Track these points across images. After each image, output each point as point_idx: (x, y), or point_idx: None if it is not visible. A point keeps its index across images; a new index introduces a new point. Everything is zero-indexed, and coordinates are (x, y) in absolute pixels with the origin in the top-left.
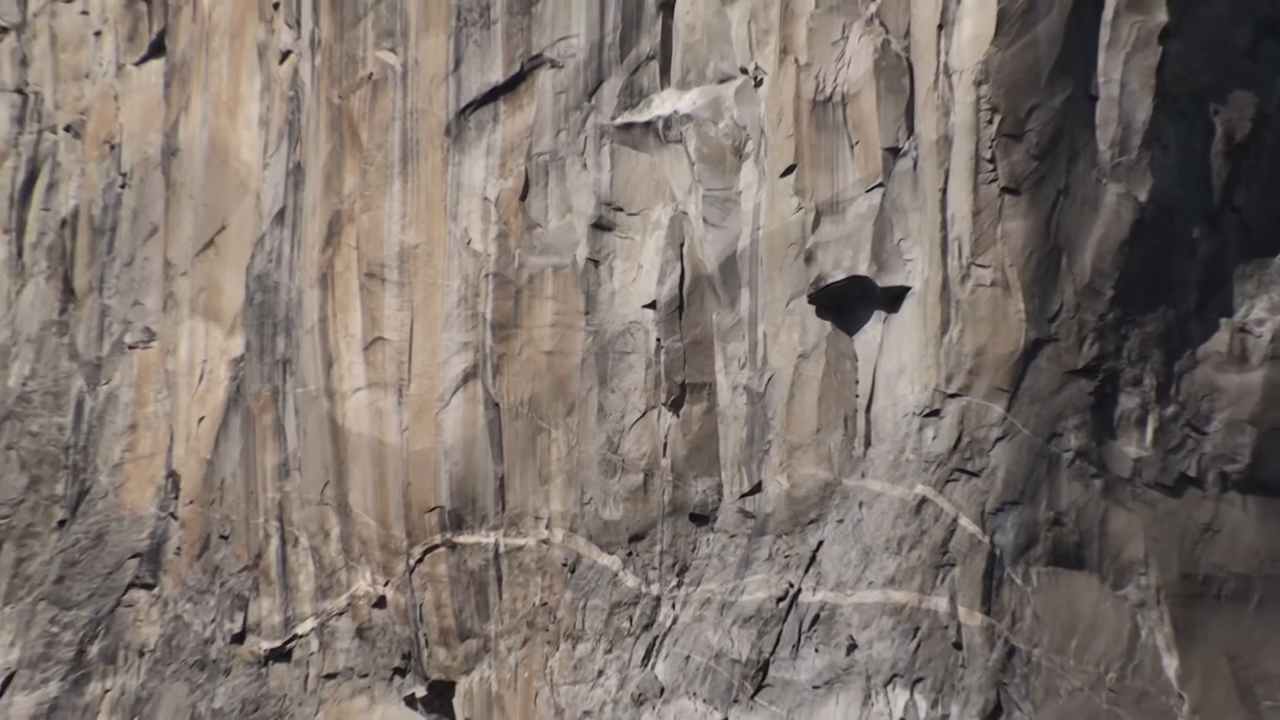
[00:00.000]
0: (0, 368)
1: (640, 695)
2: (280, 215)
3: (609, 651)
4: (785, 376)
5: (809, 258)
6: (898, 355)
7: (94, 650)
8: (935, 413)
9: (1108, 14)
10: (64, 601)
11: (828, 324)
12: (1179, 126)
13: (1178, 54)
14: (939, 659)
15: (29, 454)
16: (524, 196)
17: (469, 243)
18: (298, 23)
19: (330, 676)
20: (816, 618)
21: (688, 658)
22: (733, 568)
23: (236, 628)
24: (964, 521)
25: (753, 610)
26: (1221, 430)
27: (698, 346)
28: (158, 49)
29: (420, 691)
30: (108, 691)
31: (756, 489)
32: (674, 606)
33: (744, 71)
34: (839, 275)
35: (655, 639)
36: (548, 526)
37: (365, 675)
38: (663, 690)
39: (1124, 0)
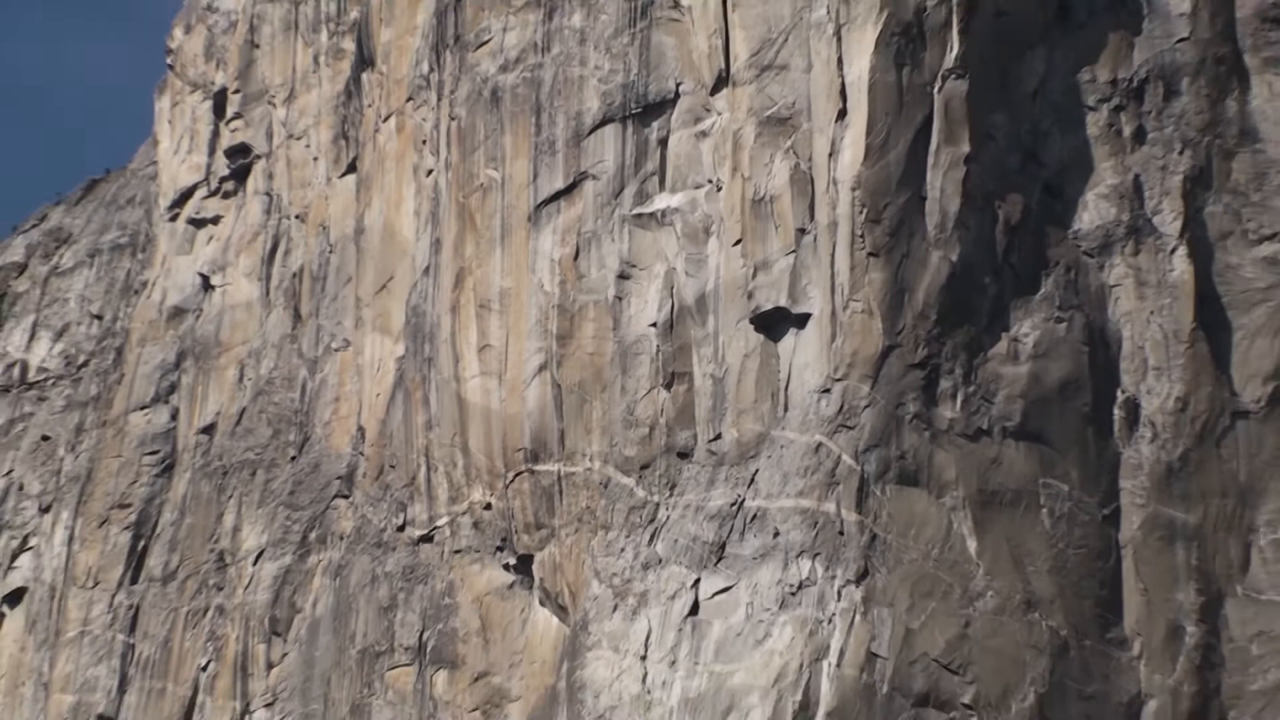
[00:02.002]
0: (255, 363)
1: (646, 563)
2: (427, 270)
3: (628, 537)
4: (735, 368)
5: (749, 296)
6: (805, 355)
7: (313, 536)
8: (827, 390)
9: (932, 147)
10: (294, 505)
11: (761, 336)
12: (976, 215)
13: (975, 172)
14: (830, 541)
15: (273, 415)
16: (576, 258)
17: (542, 286)
18: (437, 152)
19: (457, 552)
20: (754, 516)
21: (676, 540)
22: (704, 485)
23: (400, 522)
24: (845, 457)
25: (715, 511)
26: (1002, 401)
27: (682, 350)
28: (352, 168)
29: (512, 561)
30: (320, 561)
31: (718, 437)
32: (668, 509)
33: (710, 182)
34: (768, 306)
35: (656, 529)
36: (590, 460)
37: (478, 551)
38: (660, 560)
39: (942, 138)
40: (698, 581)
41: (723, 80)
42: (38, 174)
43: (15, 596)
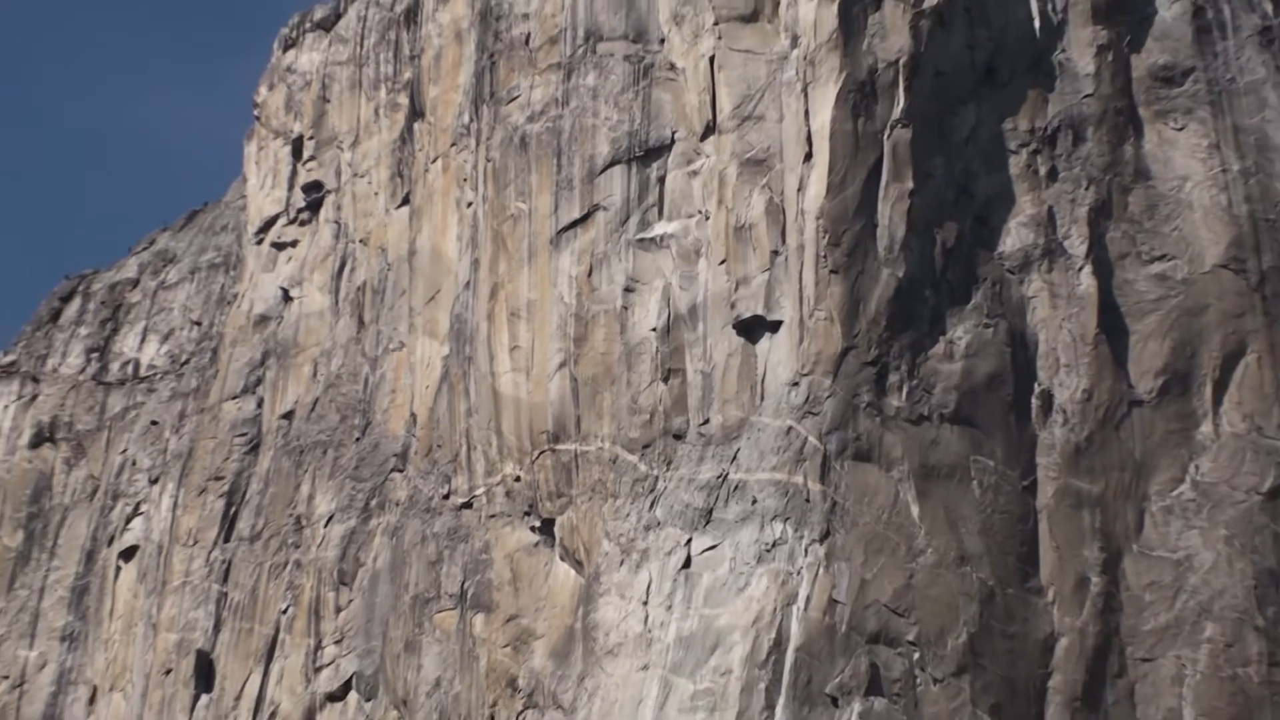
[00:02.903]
0: (326, 361)
1: (647, 526)
2: (467, 284)
3: (632, 503)
4: (720, 365)
5: (732, 306)
6: (778, 355)
7: (373, 503)
8: (796, 384)
9: (882, 183)
10: (358, 478)
11: (742, 339)
12: (919, 240)
13: (918, 204)
14: (799, 507)
15: (341, 404)
16: (590, 275)
17: (562, 298)
18: (476, 188)
19: (492, 516)
20: (737, 486)
21: (672, 507)
22: (695, 461)
23: (445, 491)
24: (811, 438)
25: (704, 483)
26: (940, 392)
27: (677, 351)
28: (405, 201)
29: (537, 524)
30: (380, 524)
31: (707, 422)
32: (665, 481)
33: (700, 212)
34: (748, 314)
35: (655, 497)
36: (601, 440)
37: (510, 515)
38: (659, 523)
39: (890, 176)
40: (690, 540)
41: (710, 129)
42: (147, 205)
43: (129, 553)
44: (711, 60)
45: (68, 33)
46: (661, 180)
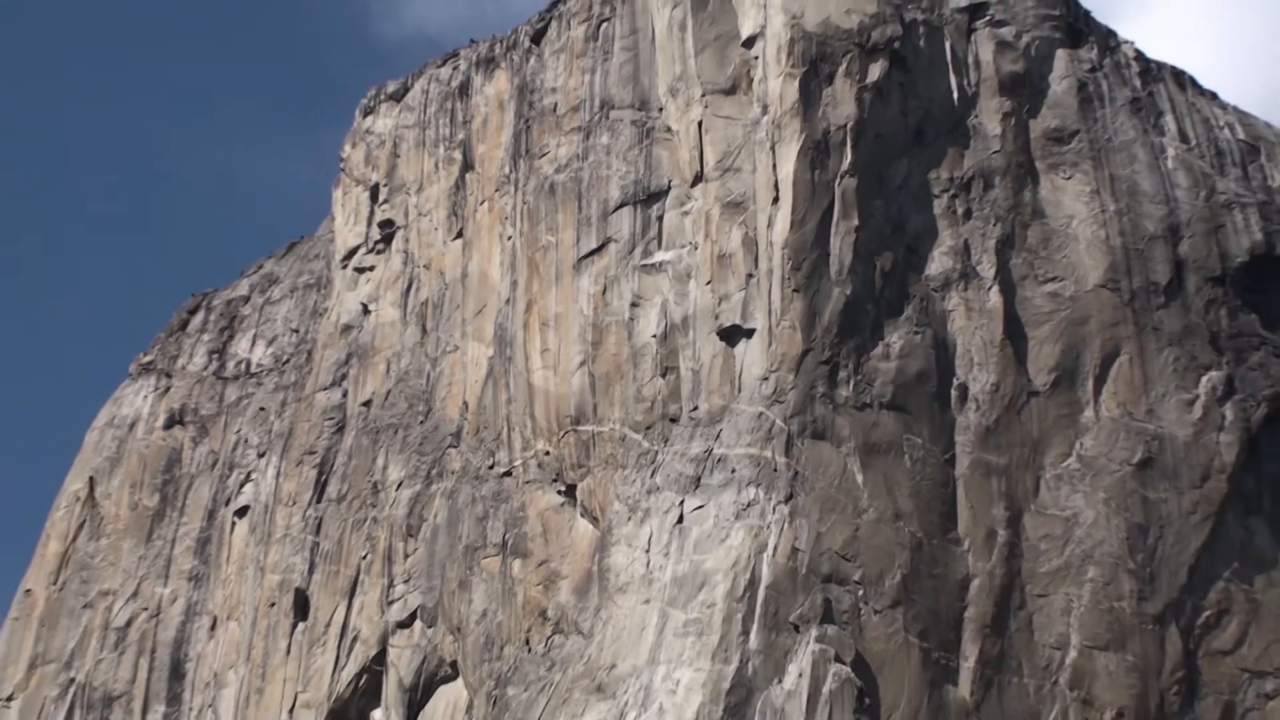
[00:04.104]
0: (397, 361)
1: (649, 490)
2: (508, 301)
3: (637, 472)
4: (707, 364)
5: (716, 317)
6: (752, 356)
7: (434, 472)
8: (766, 378)
9: (834, 221)
10: (422, 452)
11: (724, 344)
12: (862, 265)
13: (862, 238)
14: (768, 474)
15: (408, 394)
16: (604, 293)
17: (582, 311)
18: (515, 225)
19: (528, 482)
20: (719, 459)
21: (669, 475)
22: (686, 439)
23: (490, 462)
24: (778, 421)
25: (694, 456)
26: (879, 386)
27: (672, 352)
28: (459, 235)
29: (563, 488)
30: (439, 488)
31: (696, 408)
32: (663, 455)
33: (691, 244)
34: (729, 324)
35: (655, 468)
36: (613, 423)
37: (541, 482)
38: (659, 488)
39: (840, 216)
40: (683, 502)
41: (698, 178)
42: (257, 237)
43: (242, 511)
44: (699, 124)
45: (195, 99)
46: (660, 219)
